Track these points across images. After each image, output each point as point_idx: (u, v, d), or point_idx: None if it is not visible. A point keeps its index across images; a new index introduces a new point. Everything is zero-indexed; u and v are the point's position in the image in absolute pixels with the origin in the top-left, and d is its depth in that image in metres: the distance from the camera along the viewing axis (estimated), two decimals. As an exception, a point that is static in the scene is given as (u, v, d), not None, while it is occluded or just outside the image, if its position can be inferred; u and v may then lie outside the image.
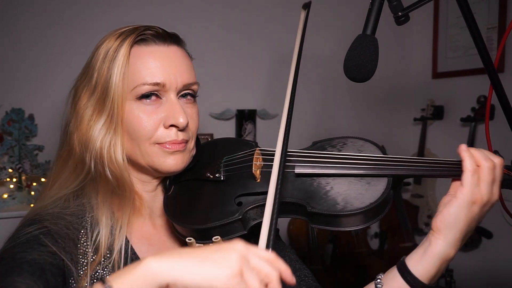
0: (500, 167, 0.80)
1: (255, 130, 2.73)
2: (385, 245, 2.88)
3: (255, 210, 0.90)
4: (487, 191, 0.78)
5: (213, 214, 0.90)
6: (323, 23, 2.96)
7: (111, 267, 0.88)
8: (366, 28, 0.94)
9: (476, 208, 0.79)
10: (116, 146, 0.91)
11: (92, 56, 0.94)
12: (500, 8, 2.67)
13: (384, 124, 3.19)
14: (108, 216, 0.91)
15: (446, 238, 0.80)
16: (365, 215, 0.84)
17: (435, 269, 0.81)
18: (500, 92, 0.95)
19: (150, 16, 2.50)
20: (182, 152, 0.94)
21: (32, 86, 2.23)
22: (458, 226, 0.79)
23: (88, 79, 0.93)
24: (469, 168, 0.78)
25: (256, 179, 0.92)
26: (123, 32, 0.93)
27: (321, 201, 0.85)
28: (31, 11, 2.23)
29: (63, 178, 0.94)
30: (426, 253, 0.81)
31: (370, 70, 0.93)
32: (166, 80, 0.91)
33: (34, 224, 0.86)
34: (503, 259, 2.68)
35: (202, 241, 0.90)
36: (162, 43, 0.94)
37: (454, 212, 0.78)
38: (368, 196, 0.84)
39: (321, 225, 0.86)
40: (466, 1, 0.92)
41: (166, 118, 0.92)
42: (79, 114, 0.93)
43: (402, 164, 0.88)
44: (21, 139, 2.10)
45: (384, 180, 0.86)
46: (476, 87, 2.75)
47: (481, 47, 0.93)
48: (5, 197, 2.06)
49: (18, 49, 2.22)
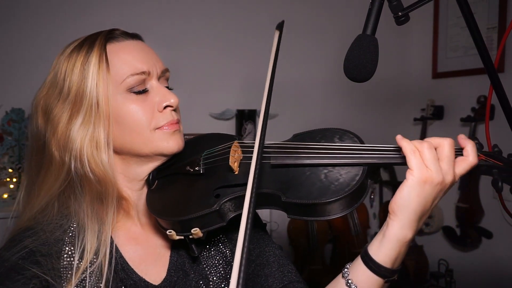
0: (449, 147, 0.81)
1: (255, 130, 2.73)
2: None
3: (232, 201, 0.90)
4: (435, 169, 0.79)
5: (192, 206, 0.91)
6: (323, 23, 2.96)
7: (98, 271, 0.88)
8: (366, 28, 0.94)
9: (428, 187, 0.79)
10: (99, 145, 0.91)
11: (57, 71, 0.96)
12: (500, 8, 2.67)
13: (384, 124, 3.19)
14: (92, 220, 0.91)
15: (401, 220, 0.80)
16: (341, 204, 0.83)
17: (395, 252, 0.81)
18: (500, 92, 0.95)
19: (148, 16, 2.50)
20: (179, 131, 0.98)
21: (32, 86, 2.22)
22: (411, 206, 0.79)
23: (58, 91, 0.94)
24: (408, 151, 0.81)
25: (234, 171, 0.93)
26: (90, 37, 0.96)
27: (296, 191, 0.85)
28: (31, 11, 2.24)
29: (48, 184, 0.93)
30: (384, 237, 0.82)
31: (370, 70, 0.93)
32: (150, 67, 0.95)
33: (14, 246, 0.87)
34: (503, 259, 2.68)
35: (182, 233, 0.91)
36: (131, 39, 0.98)
37: (406, 192, 0.79)
38: (344, 184, 0.83)
39: (298, 216, 0.86)
40: (466, 1, 0.92)
41: (159, 102, 0.95)
42: (54, 121, 0.93)
43: (377, 152, 0.87)
44: (21, 139, 2.10)
45: (359, 169, 0.86)
46: (476, 87, 2.75)
47: (481, 47, 0.93)
48: (5, 197, 2.06)
49: (18, 49, 2.22)
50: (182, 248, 1.01)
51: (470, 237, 2.82)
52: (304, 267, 2.72)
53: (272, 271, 1.03)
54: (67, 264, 0.88)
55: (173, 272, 0.99)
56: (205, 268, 1.02)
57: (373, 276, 0.82)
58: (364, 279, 0.83)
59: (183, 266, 1.00)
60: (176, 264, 1.00)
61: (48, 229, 0.89)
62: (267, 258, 1.05)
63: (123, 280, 0.93)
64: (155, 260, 1.00)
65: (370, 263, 0.83)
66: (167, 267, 0.99)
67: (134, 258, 0.97)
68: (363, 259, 0.84)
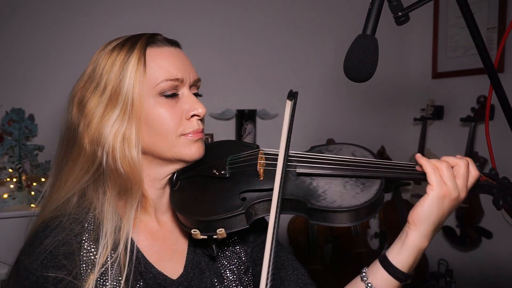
0: (465, 166, 0.92)
1: (255, 130, 2.73)
2: (385, 245, 2.88)
3: (258, 205, 0.96)
4: (453, 186, 0.89)
5: (218, 207, 0.96)
6: (323, 23, 2.96)
7: (118, 265, 0.91)
8: (366, 28, 0.94)
9: (446, 201, 0.90)
10: (130, 142, 0.95)
11: (96, 66, 0.98)
12: (500, 8, 2.67)
13: (384, 124, 3.19)
14: (114, 213, 0.94)
15: (421, 231, 0.90)
16: (359, 213, 0.91)
17: (412, 259, 0.91)
18: (500, 92, 0.96)
19: (148, 16, 2.50)
20: (202, 140, 1.02)
21: (32, 86, 2.23)
22: (430, 219, 0.90)
23: (95, 85, 0.97)
24: (429, 169, 0.90)
25: (260, 177, 0.99)
26: (131, 38, 1.00)
27: (320, 198, 0.93)
28: (30, 11, 2.24)
29: (74, 175, 0.96)
30: (404, 245, 0.91)
31: (370, 70, 0.93)
32: (184, 75, 0.99)
33: (34, 251, 0.88)
34: (503, 259, 2.68)
35: (206, 233, 0.95)
36: (170, 45, 1.02)
37: (427, 206, 0.89)
38: (363, 196, 0.92)
39: (319, 221, 0.93)
40: (466, 1, 0.92)
41: (187, 110, 0.99)
42: (88, 115, 0.95)
43: (393, 167, 0.96)
44: (21, 139, 2.10)
45: (377, 182, 0.95)
46: (476, 87, 2.75)
47: (481, 47, 0.93)
48: (5, 197, 2.06)
49: (18, 49, 2.22)
50: (198, 246, 1.05)
51: (470, 237, 2.82)
52: (304, 267, 2.72)
53: (287, 274, 1.10)
54: (87, 259, 0.90)
55: (190, 269, 1.02)
56: (219, 267, 1.07)
57: (391, 279, 0.91)
58: (383, 282, 0.92)
59: (199, 264, 1.04)
60: (193, 261, 1.04)
61: (67, 225, 0.91)
62: (282, 261, 1.12)
63: (142, 273, 0.95)
64: (171, 256, 1.03)
65: (390, 268, 0.92)
66: (184, 264, 1.03)
67: (152, 253, 1.00)
68: (382, 263, 0.93)
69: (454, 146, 2.88)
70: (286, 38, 2.85)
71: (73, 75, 1.02)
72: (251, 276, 1.10)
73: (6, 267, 1.94)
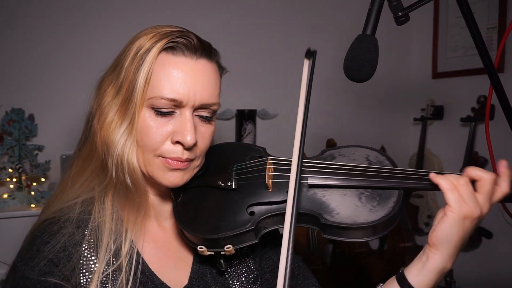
0: (490, 183, 0.83)
1: (255, 130, 2.73)
2: (385, 245, 2.87)
3: (268, 220, 0.90)
4: (473, 204, 0.81)
5: (225, 223, 0.90)
6: (323, 23, 2.96)
7: (118, 274, 0.88)
8: (366, 28, 0.94)
9: (468, 222, 0.82)
10: (133, 153, 0.90)
11: (125, 49, 0.92)
12: (500, 8, 2.67)
13: (384, 124, 3.19)
14: (118, 222, 0.91)
15: (443, 253, 0.83)
16: (377, 228, 0.85)
17: (434, 281, 0.84)
18: (500, 92, 0.95)
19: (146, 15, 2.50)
20: (183, 170, 0.93)
21: (32, 86, 2.22)
22: (452, 241, 0.82)
23: (116, 75, 0.92)
24: (446, 188, 0.82)
25: (268, 188, 0.92)
26: (157, 34, 0.90)
27: (334, 213, 0.86)
28: (31, 11, 2.23)
29: (83, 179, 0.93)
30: (424, 267, 0.84)
31: (370, 70, 0.93)
32: (184, 97, 0.88)
33: (32, 259, 0.85)
34: (503, 259, 2.68)
35: (213, 250, 0.90)
36: (191, 56, 0.91)
37: (447, 228, 0.82)
38: (380, 210, 0.85)
39: (333, 236, 0.87)
40: (466, 1, 0.92)
41: (174, 133, 0.90)
42: (103, 112, 0.91)
43: (411, 176, 0.88)
44: (21, 139, 2.10)
45: (395, 193, 0.87)
46: (476, 87, 2.75)
47: (481, 47, 0.93)
48: (5, 197, 2.06)
49: (18, 49, 2.22)
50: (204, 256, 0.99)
51: (470, 237, 2.81)
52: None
53: (298, 284, 1.05)
54: (87, 268, 0.87)
55: (195, 281, 0.98)
56: (227, 277, 1.02)
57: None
58: None
59: (204, 277, 0.99)
60: (198, 273, 0.99)
61: (68, 231, 0.88)
62: (292, 270, 1.05)
63: (143, 283, 0.91)
64: (175, 264, 0.98)
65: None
66: (189, 275, 0.98)
67: (154, 261, 0.96)
68: (400, 283, 0.86)
69: (454, 146, 2.88)
70: (286, 38, 2.85)
71: (73, 75, 1.02)
72: (259, 286, 1.05)
73: (6, 267, 1.94)
